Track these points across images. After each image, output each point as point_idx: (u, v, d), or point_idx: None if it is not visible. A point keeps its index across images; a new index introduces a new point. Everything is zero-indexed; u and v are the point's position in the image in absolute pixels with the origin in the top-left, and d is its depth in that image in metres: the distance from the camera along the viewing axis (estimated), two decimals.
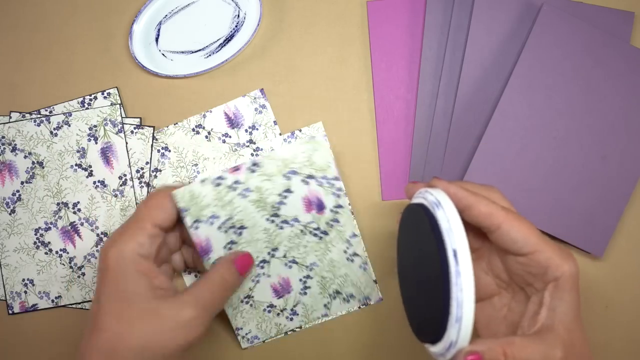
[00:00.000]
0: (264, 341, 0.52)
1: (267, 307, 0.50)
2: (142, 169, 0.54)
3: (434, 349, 0.39)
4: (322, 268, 0.50)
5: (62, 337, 0.54)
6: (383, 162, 0.54)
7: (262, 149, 0.53)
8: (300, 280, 0.50)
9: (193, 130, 0.54)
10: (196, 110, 0.54)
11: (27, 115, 0.54)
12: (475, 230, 0.43)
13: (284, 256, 0.49)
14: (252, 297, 0.50)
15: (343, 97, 0.54)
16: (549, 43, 0.51)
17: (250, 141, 0.54)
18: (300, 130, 0.54)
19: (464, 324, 0.36)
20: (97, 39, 0.55)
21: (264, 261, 0.48)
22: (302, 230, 0.48)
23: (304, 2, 0.55)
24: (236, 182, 0.45)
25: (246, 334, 0.51)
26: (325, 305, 0.51)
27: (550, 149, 0.51)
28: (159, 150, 0.54)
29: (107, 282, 0.41)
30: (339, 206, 0.48)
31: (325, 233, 0.49)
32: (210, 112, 0.54)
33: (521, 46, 0.52)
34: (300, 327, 0.52)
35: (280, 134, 0.54)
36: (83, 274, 0.53)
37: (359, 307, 0.52)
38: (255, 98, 0.54)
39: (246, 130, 0.54)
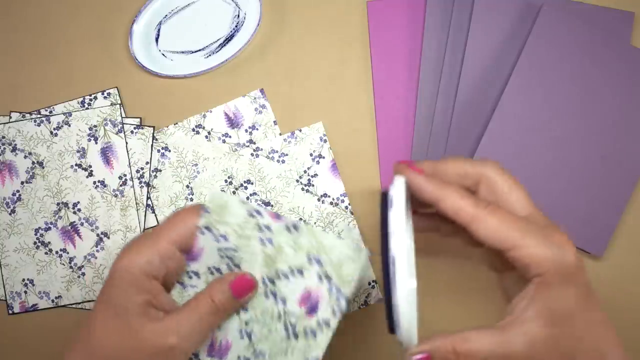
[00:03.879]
0: None
1: (193, 355, 0.43)
2: (142, 169, 0.54)
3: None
4: None
5: (62, 337, 0.54)
6: (383, 162, 0.54)
7: (262, 149, 0.54)
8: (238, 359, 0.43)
9: (193, 130, 0.54)
10: (196, 110, 0.54)
11: (27, 115, 0.55)
12: None
13: (246, 323, 0.43)
14: None
15: (343, 97, 0.54)
16: (548, 43, 0.51)
17: (250, 141, 0.54)
18: (300, 130, 0.54)
19: (404, 328, 0.36)
20: (97, 39, 0.55)
21: None
22: (279, 315, 0.42)
23: (304, 2, 0.55)
24: (268, 227, 0.41)
25: None
26: None
27: (550, 149, 0.51)
28: (159, 150, 0.54)
29: (106, 289, 0.40)
30: (327, 324, 0.42)
31: (296, 337, 0.42)
32: (210, 112, 0.54)
33: (521, 46, 0.52)
34: None
35: (280, 134, 0.54)
36: (83, 274, 0.53)
37: (359, 308, 0.52)
38: (255, 98, 0.54)
39: (246, 130, 0.54)
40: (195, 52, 0.55)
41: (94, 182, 0.54)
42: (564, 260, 0.36)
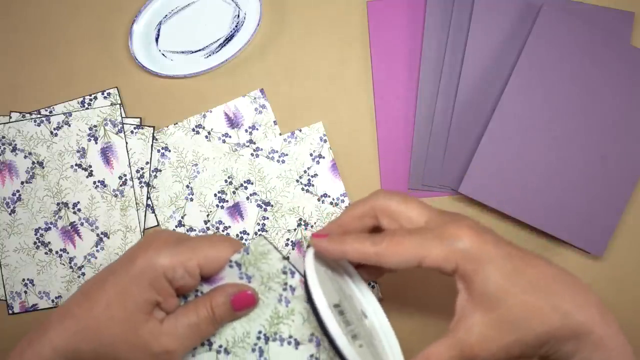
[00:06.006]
0: None
1: None
2: (142, 169, 0.54)
3: None
4: None
5: None
6: (383, 162, 0.54)
7: (262, 149, 0.54)
8: None
9: (193, 130, 0.54)
10: (196, 110, 0.54)
11: (27, 115, 0.55)
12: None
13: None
14: None
15: (343, 97, 0.54)
16: (548, 43, 0.51)
17: (250, 141, 0.54)
18: (300, 130, 0.54)
19: None
20: (97, 39, 0.55)
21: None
22: None
23: (304, 2, 0.55)
24: (293, 289, 0.41)
25: None
26: None
27: (550, 149, 0.51)
28: (159, 150, 0.54)
29: (123, 273, 0.39)
30: None
31: None
32: (210, 112, 0.54)
33: (521, 46, 0.52)
34: None
35: (280, 134, 0.54)
36: (83, 274, 0.53)
37: None
38: (255, 98, 0.54)
39: (246, 130, 0.54)
40: (195, 52, 0.55)
41: (94, 182, 0.54)
42: (463, 249, 0.37)
